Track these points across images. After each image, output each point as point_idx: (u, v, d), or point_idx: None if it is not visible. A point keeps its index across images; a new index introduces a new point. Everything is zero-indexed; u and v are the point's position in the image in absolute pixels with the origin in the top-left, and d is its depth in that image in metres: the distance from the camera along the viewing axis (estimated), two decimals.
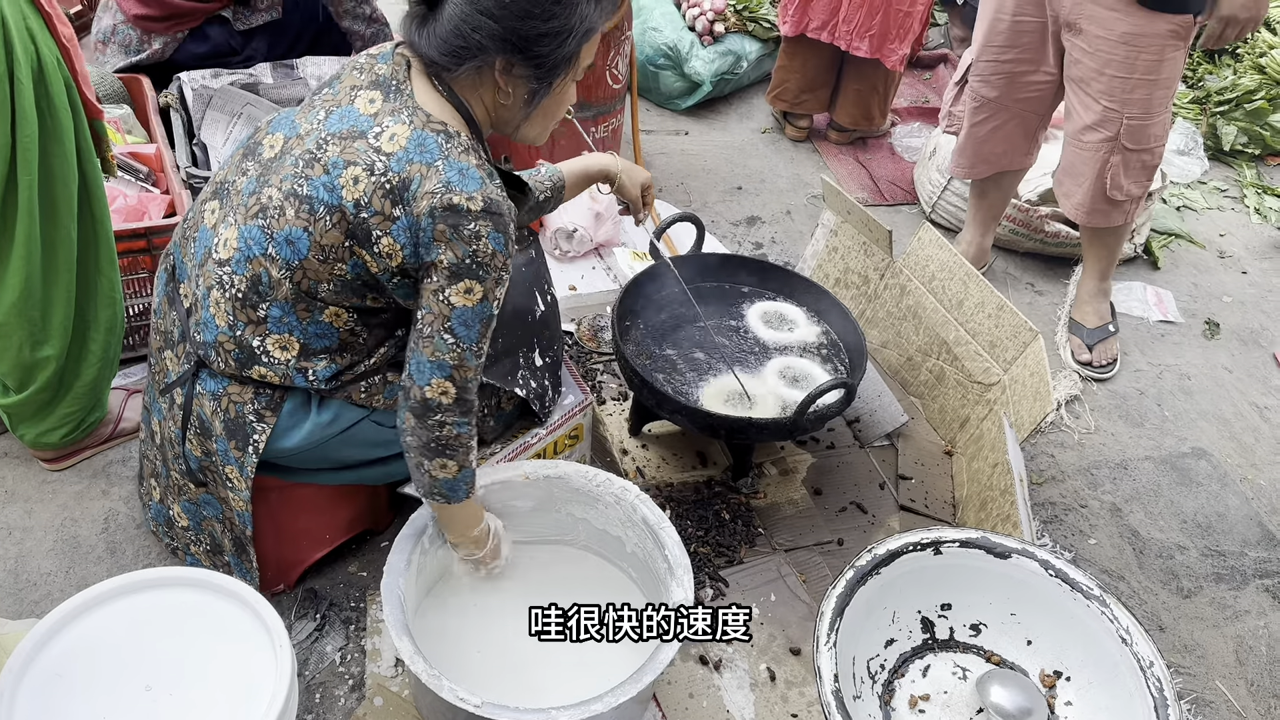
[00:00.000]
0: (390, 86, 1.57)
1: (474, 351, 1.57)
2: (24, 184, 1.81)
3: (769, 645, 1.99)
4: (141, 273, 2.32)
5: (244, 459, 1.72)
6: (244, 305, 1.62)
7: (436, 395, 1.57)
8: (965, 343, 2.46)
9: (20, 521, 2.12)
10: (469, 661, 1.81)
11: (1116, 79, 2.54)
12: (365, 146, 1.51)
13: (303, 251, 1.55)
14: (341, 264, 1.56)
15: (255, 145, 1.68)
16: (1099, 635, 1.66)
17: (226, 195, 1.68)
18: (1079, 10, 2.52)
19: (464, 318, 1.54)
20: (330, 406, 1.73)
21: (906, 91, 4.40)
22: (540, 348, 2.01)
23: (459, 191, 1.48)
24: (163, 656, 1.53)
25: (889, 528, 2.27)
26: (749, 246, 3.32)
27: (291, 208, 1.55)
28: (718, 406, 2.14)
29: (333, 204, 1.52)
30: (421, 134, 1.51)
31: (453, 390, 1.57)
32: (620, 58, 3.13)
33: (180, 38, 2.92)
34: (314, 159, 1.54)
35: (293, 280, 1.58)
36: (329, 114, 1.58)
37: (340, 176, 1.51)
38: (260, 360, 1.64)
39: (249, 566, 1.89)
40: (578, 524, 1.94)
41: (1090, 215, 2.78)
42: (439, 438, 1.60)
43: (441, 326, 1.54)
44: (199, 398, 1.72)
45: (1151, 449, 2.73)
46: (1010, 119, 2.83)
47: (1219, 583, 2.36)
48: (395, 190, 1.50)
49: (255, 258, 1.59)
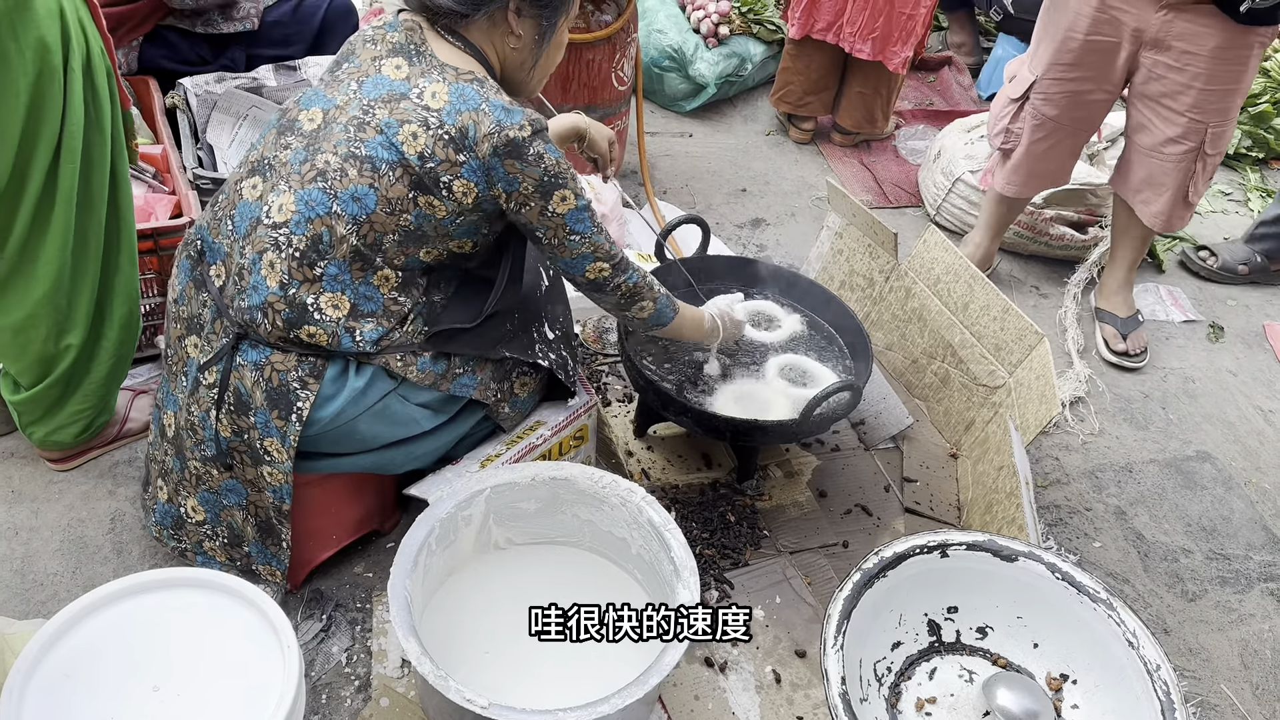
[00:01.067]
0: (410, 51, 1.70)
1: (596, 232, 1.78)
2: (66, 172, 1.83)
3: (774, 647, 1.99)
4: (148, 274, 2.32)
5: (286, 428, 1.73)
6: (302, 263, 1.69)
7: (597, 275, 1.82)
8: (970, 345, 2.46)
9: (27, 521, 2.12)
10: (476, 662, 1.81)
11: (1205, 91, 2.56)
12: (411, 105, 1.65)
13: (370, 206, 1.67)
14: (406, 214, 1.69)
15: (291, 122, 1.75)
16: (1105, 638, 1.66)
17: (270, 169, 1.74)
18: (1168, 29, 2.51)
19: (575, 216, 1.74)
20: (365, 373, 1.77)
21: (910, 94, 4.40)
22: (549, 321, 2.04)
23: (511, 125, 1.64)
24: (170, 657, 1.53)
25: (894, 530, 2.27)
26: (753, 249, 3.32)
27: (353, 168, 1.66)
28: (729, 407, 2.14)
29: (394, 160, 1.65)
30: (458, 86, 1.66)
31: (605, 265, 1.82)
32: (625, 60, 3.13)
33: (136, 45, 2.90)
34: (364, 123, 1.67)
35: (360, 234, 1.68)
36: (361, 83, 1.70)
37: (398, 134, 1.64)
38: (311, 318, 1.70)
39: (275, 549, 1.88)
40: (583, 526, 1.94)
41: (1169, 222, 2.82)
42: (621, 295, 1.87)
43: (564, 234, 1.75)
44: (239, 370, 1.74)
45: (1156, 452, 2.73)
46: (1065, 137, 2.84)
47: (1224, 586, 2.36)
48: (455, 140, 1.64)
49: (319, 217, 1.67)
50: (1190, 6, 2.47)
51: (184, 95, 2.82)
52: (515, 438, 2.03)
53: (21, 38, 1.67)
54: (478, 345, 1.86)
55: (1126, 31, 2.58)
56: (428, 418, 1.88)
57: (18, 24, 1.66)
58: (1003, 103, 2.93)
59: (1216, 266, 3.45)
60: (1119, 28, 2.58)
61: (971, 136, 3.52)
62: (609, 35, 3.00)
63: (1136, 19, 2.54)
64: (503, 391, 1.95)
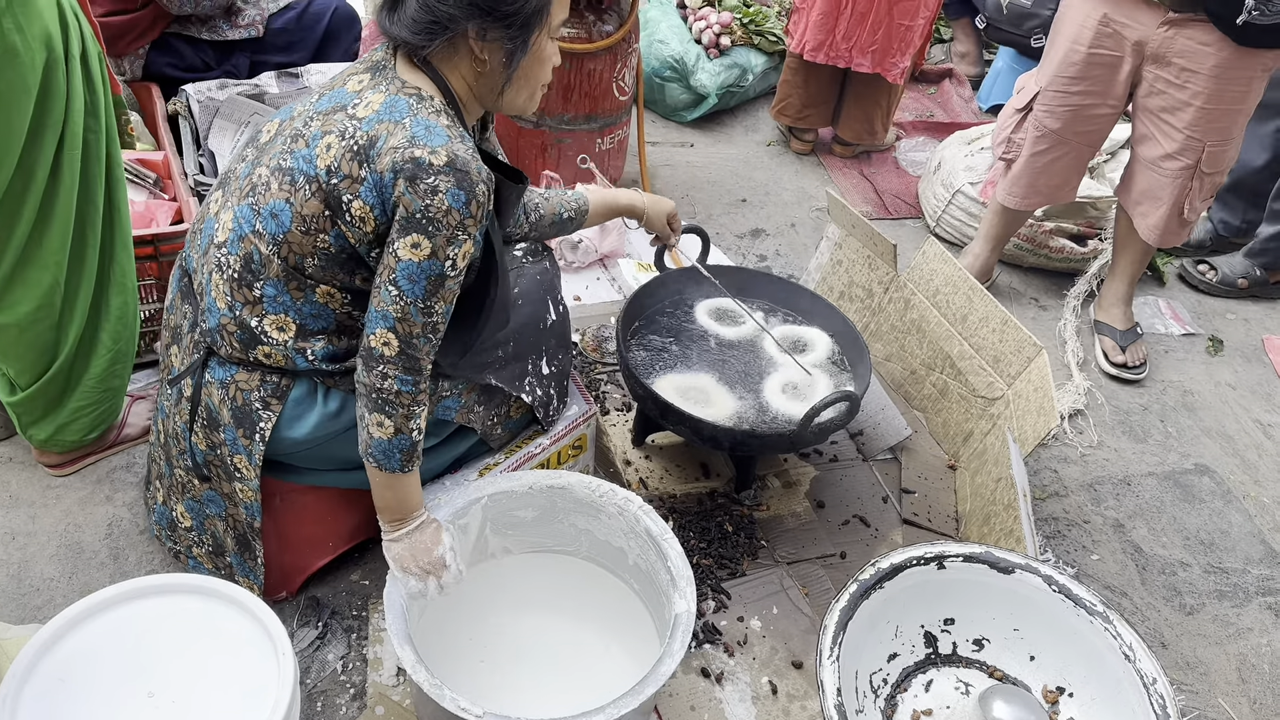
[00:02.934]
0: (377, 68, 1.62)
1: (419, 308, 1.55)
2: (69, 160, 1.83)
3: (771, 658, 1.99)
4: (148, 279, 2.32)
5: (252, 447, 1.73)
6: (240, 285, 1.64)
7: (379, 345, 1.56)
8: (969, 357, 2.46)
9: (24, 526, 2.12)
10: (471, 671, 1.81)
11: (1203, 110, 2.56)
12: (343, 116, 1.55)
13: (285, 224, 1.57)
14: (324, 234, 1.57)
15: (256, 135, 1.72)
16: (1102, 651, 1.66)
17: (228, 183, 1.72)
18: (1169, 45, 2.52)
19: (409, 272, 1.52)
20: (336, 396, 1.74)
21: (911, 106, 4.41)
22: (548, 356, 2.02)
23: (422, 145, 1.49)
24: (166, 663, 1.53)
25: (892, 541, 2.27)
26: (753, 259, 3.32)
27: (276, 181, 1.58)
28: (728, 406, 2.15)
29: (310, 173, 1.55)
30: (394, 98, 1.54)
31: (395, 342, 1.56)
32: (627, 70, 3.14)
33: (142, 53, 2.91)
34: (298, 134, 1.59)
35: (280, 255, 1.59)
36: (320, 96, 1.63)
37: (317, 145, 1.55)
38: (260, 340, 1.67)
39: (252, 564, 1.89)
40: (580, 535, 1.94)
41: (1164, 236, 2.83)
42: (380, 390, 1.58)
43: (389, 278, 1.54)
44: (207, 386, 1.73)
45: (1154, 465, 2.73)
46: (1068, 151, 2.84)
47: (1222, 600, 2.36)
48: (362, 150, 1.51)
49: (246, 235, 1.62)
50: (1191, 23, 2.48)
51: (186, 101, 2.83)
52: (515, 446, 2.03)
53: (28, 30, 1.68)
54: (463, 370, 1.84)
55: (1129, 46, 2.59)
56: None
57: (21, 16, 1.67)
58: (1008, 113, 2.95)
59: (1216, 280, 3.46)
60: (1121, 42, 2.59)
61: (972, 149, 3.53)
62: (610, 45, 3.01)
63: (1139, 33, 2.55)
64: (499, 415, 1.95)
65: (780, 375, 2.26)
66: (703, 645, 1.99)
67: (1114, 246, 3.08)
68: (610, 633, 1.90)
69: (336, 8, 3.15)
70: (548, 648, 1.88)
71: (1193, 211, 2.76)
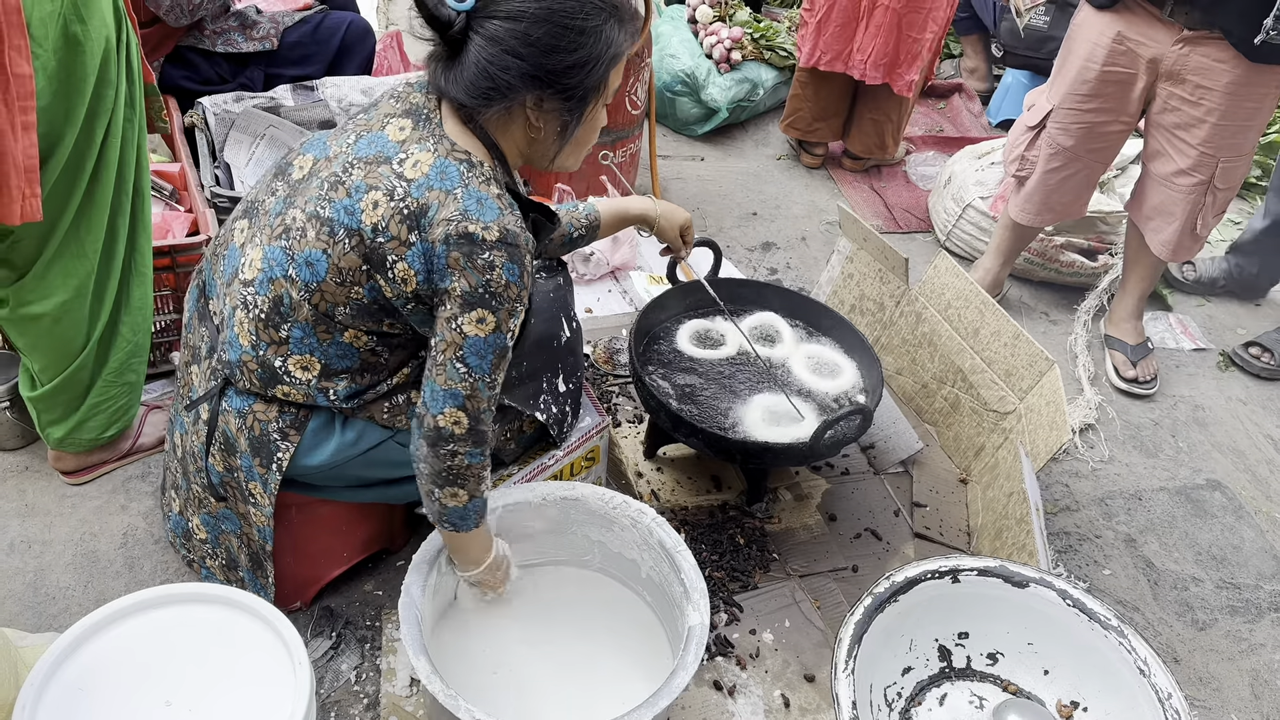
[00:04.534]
0: (421, 115, 1.57)
1: (486, 382, 1.55)
2: (111, 147, 1.87)
3: (783, 671, 1.99)
4: (164, 290, 2.33)
5: (268, 476, 1.73)
6: (266, 325, 1.62)
7: (449, 424, 1.56)
8: (981, 371, 2.46)
9: (40, 535, 2.13)
10: (485, 682, 1.81)
11: (1218, 126, 2.57)
12: (389, 171, 1.52)
13: (321, 274, 1.56)
14: (358, 287, 1.56)
15: (286, 166, 1.69)
16: (1116, 666, 1.66)
17: (255, 214, 1.69)
18: (1184, 62, 2.53)
19: (476, 347, 1.52)
20: (354, 426, 1.74)
21: (921, 120, 4.43)
22: (564, 373, 2.02)
23: (475, 220, 1.47)
24: (183, 672, 1.54)
25: (904, 555, 2.27)
26: (764, 272, 3.33)
27: (313, 229, 1.56)
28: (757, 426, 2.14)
29: (352, 227, 1.52)
30: (444, 161, 1.51)
31: (465, 420, 1.56)
32: (639, 84, 3.16)
33: (157, 66, 2.94)
34: (339, 182, 1.55)
35: (311, 302, 1.58)
36: (359, 138, 1.59)
37: (361, 200, 1.52)
38: (283, 380, 1.66)
39: (264, 582, 1.90)
40: (593, 546, 1.94)
41: (1176, 251, 2.83)
42: (450, 467, 1.58)
43: (454, 355, 1.53)
44: (225, 414, 1.73)
45: (1166, 480, 2.73)
46: (1081, 168, 2.85)
47: (1234, 615, 2.35)
48: (412, 215, 1.49)
49: (277, 279, 1.60)
50: (1206, 40, 2.48)
51: (202, 114, 2.86)
52: (528, 457, 2.04)
53: (89, 20, 1.72)
54: None
55: (1143, 63, 2.59)
56: None
57: (83, 8, 1.71)
58: (1020, 130, 2.95)
59: (1193, 279, 3.52)
60: (1135, 59, 2.60)
61: (982, 163, 3.54)
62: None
63: (1153, 50, 2.56)
64: (511, 431, 1.95)
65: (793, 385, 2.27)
66: (715, 658, 1.99)
67: (1125, 262, 3.09)
68: (623, 645, 1.90)
69: (351, 22, 3.18)
70: (561, 659, 1.88)
71: (1205, 227, 2.76)
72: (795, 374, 2.30)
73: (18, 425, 2.27)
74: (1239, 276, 3.48)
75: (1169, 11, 2.49)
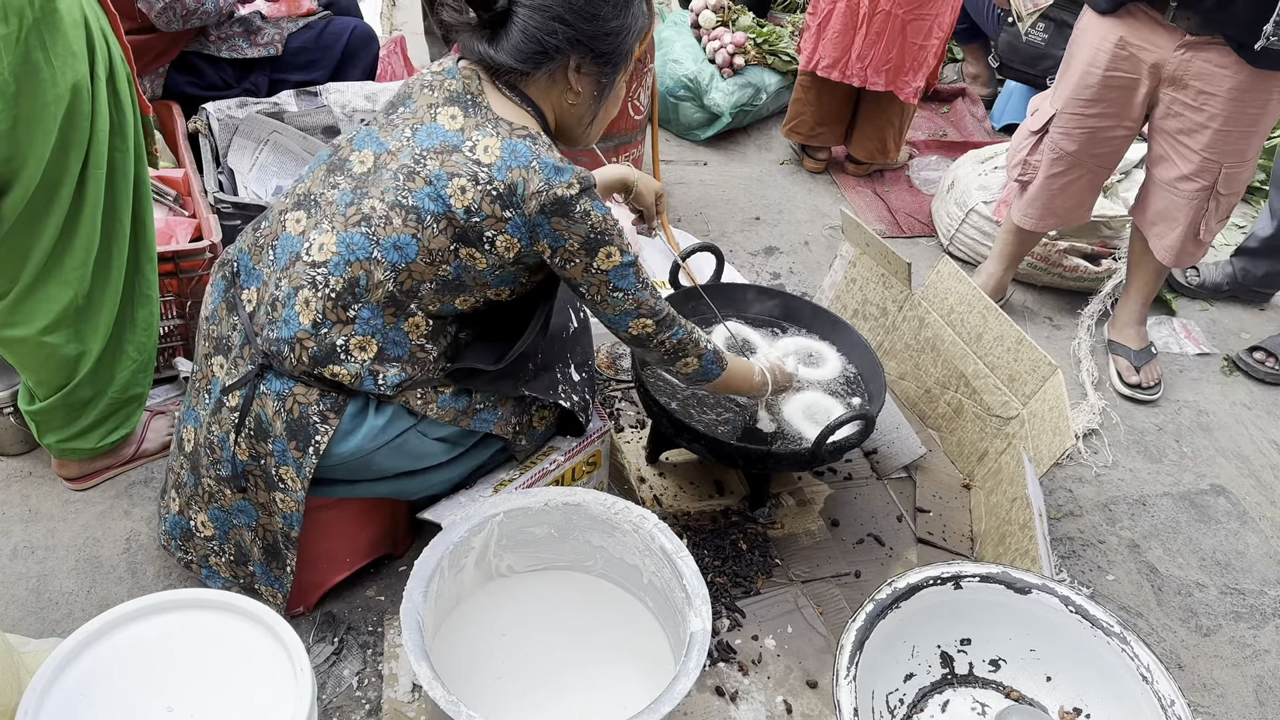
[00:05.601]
0: (466, 101, 1.71)
1: (640, 287, 1.78)
2: (94, 179, 1.86)
3: (785, 677, 1.98)
4: (167, 296, 2.34)
5: (303, 459, 1.75)
6: (337, 304, 1.70)
7: (640, 331, 1.82)
8: (984, 376, 2.46)
9: (43, 540, 2.14)
10: (488, 688, 1.81)
11: (1220, 132, 2.56)
12: (463, 159, 1.66)
13: (411, 255, 1.68)
14: (446, 265, 1.71)
15: (342, 161, 1.77)
16: (1119, 673, 1.65)
17: (315, 206, 1.76)
18: (1187, 67, 2.52)
19: (619, 274, 1.74)
20: (385, 412, 1.78)
21: (924, 125, 4.43)
22: (575, 363, 2.06)
23: (559, 183, 1.65)
24: (185, 678, 1.54)
25: (907, 560, 2.27)
26: (767, 276, 3.33)
27: (398, 217, 1.67)
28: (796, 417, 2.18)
29: (439, 211, 1.66)
30: (511, 142, 1.66)
31: (649, 321, 1.81)
32: (642, 89, 3.16)
33: (162, 72, 2.95)
34: (414, 173, 1.68)
35: (397, 280, 1.70)
36: (415, 131, 1.71)
37: (446, 187, 1.66)
38: (337, 358, 1.71)
39: (279, 573, 1.90)
40: (595, 552, 1.94)
41: (1179, 257, 2.83)
42: (665, 351, 1.86)
43: (607, 291, 1.76)
44: (261, 398, 1.75)
45: (1170, 485, 2.72)
46: (1084, 173, 2.85)
47: (1238, 621, 2.34)
48: (503, 196, 1.65)
49: (358, 261, 1.69)
50: (1208, 45, 2.48)
51: (206, 120, 2.86)
52: (529, 463, 2.04)
53: (51, 48, 1.70)
54: (499, 384, 1.87)
55: (1145, 68, 2.59)
56: (445, 450, 1.89)
57: (46, 35, 1.69)
58: (1023, 135, 2.95)
59: (1197, 284, 3.51)
60: (1138, 64, 2.59)
61: (985, 168, 3.54)
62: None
63: (1156, 56, 2.55)
64: (521, 425, 1.96)
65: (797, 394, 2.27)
66: (717, 664, 1.99)
67: (1128, 267, 3.08)
68: (625, 651, 1.90)
69: (355, 27, 3.18)
70: (563, 665, 1.88)
71: (1208, 233, 2.76)
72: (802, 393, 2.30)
73: (21, 430, 2.28)
74: (1243, 281, 3.47)
75: (1171, 17, 2.49)
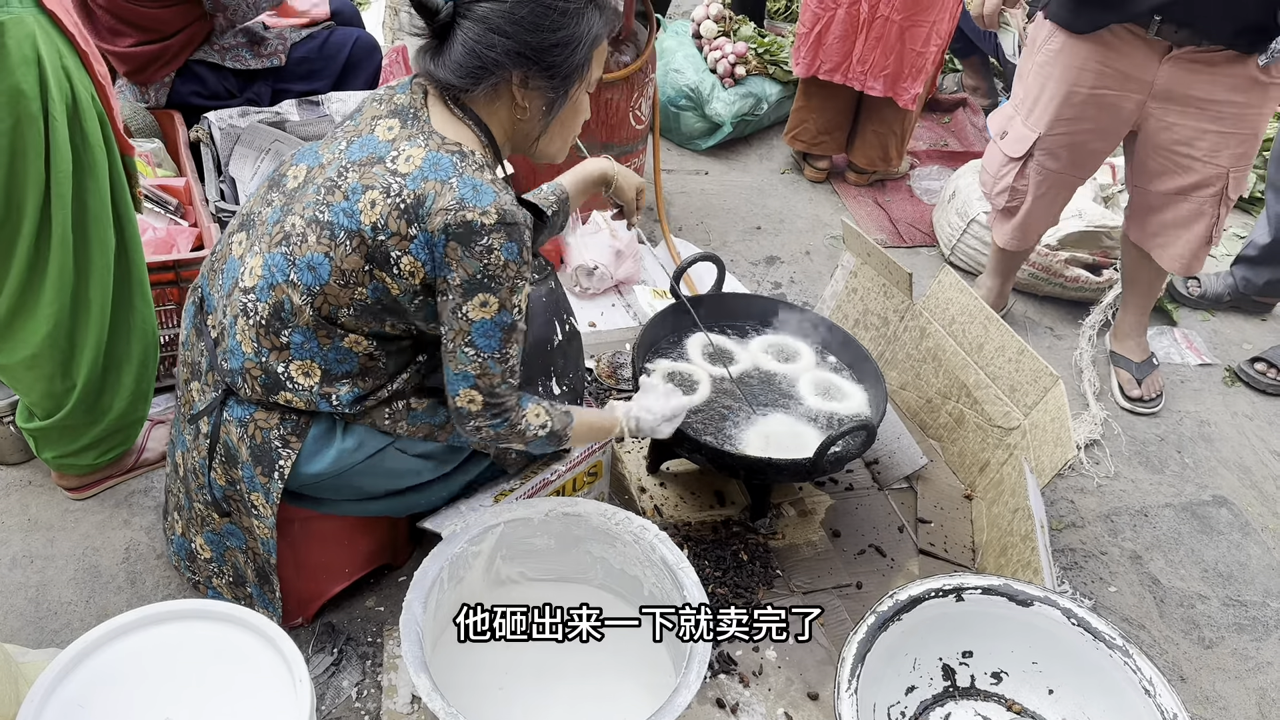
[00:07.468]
0: (408, 114, 1.62)
1: (496, 358, 1.63)
2: (58, 219, 1.84)
3: (786, 689, 1.98)
4: (169, 304, 2.35)
5: (270, 485, 1.73)
6: (267, 331, 1.65)
7: (465, 404, 1.66)
8: (985, 386, 2.46)
9: (42, 550, 2.13)
10: (487, 699, 1.80)
11: (1222, 136, 2.55)
12: (382, 170, 1.56)
13: (324, 277, 1.59)
14: (361, 288, 1.60)
15: (280, 177, 1.72)
16: (1122, 686, 1.65)
17: (252, 226, 1.72)
18: (1173, 79, 2.51)
19: (483, 330, 1.60)
20: (355, 433, 1.75)
21: (925, 135, 4.43)
22: (557, 376, 2.03)
23: (472, 207, 1.52)
24: (184, 688, 1.53)
25: (908, 572, 2.26)
26: (768, 286, 3.33)
27: (313, 234, 1.59)
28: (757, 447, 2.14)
29: (352, 228, 1.56)
30: (436, 155, 1.55)
31: (479, 398, 1.65)
32: (643, 99, 3.17)
33: (169, 81, 2.95)
34: (334, 186, 1.59)
35: (313, 306, 1.61)
36: (350, 143, 1.63)
37: (359, 201, 1.55)
38: (285, 386, 1.67)
39: (271, 596, 1.90)
40: (596, 563, 1.94)
41: (1189, 265, 2.81)
42: (484, 438, 1.72)
43: (463, 341, 1.60)
44: (226, 425, 1.74)
45: (1172, 496, 2.71)
46: (1064, 189, 2.84)
47: (1241, 633, 2.34)
48: (410, 209, 1.53)
49: (278, 284, 1.62)
50: (1191, 56, 2.46)
51: (208, 129, 2.87)
52: (530, 473, 2.04)
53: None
54: None
55: (1131, 84, 2.58)
56: (431, 468, 1.87)
57: None
58: (999, 161, 2.88)
59: (1198, 294, 3.51)
60: (1124, 81, 2.58)
61: None
62: (627, 75, 3.04)
63: (1141, 70, 2.55)
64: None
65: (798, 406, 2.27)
66: (718, 675, 1.98)
67: (1123, 281, 3.08)
68: (626, 662, 1.89)
69: (358, 38, 3.19)
70: (563, 677, 1.87)
71: (1218, 235, 2.76)
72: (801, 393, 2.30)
73: (20, 440, 2.27)
74: (1245, 290, 3.47)
75: (1155, 31, 2.46)
